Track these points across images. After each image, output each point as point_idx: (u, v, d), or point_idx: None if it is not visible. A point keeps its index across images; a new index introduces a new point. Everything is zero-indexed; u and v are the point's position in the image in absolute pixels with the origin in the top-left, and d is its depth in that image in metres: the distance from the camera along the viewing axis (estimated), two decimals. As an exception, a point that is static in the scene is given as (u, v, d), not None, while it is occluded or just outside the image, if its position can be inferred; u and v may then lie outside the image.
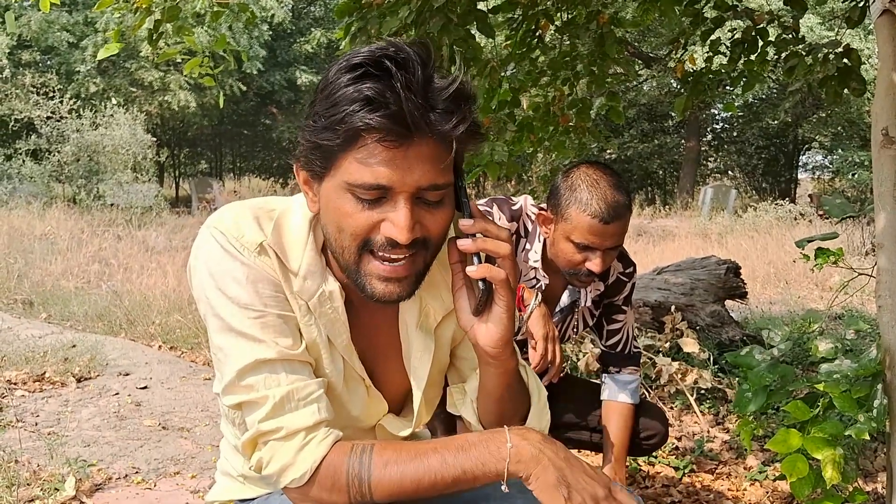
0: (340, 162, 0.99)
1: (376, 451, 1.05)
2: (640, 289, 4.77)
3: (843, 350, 1.80)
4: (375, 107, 0.94)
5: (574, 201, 1.87)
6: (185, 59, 3.95)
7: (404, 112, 0.94)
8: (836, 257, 2.02)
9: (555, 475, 1.00)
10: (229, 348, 1.06)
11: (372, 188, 0.98)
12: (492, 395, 1.19)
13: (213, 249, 1.07)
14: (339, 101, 0.96)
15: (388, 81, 0.94)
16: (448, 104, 0.97)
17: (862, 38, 16.55)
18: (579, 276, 1.94)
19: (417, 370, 1.21)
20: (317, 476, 1.04)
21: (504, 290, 1.07)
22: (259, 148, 33.49)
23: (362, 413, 1.21)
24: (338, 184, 1.00)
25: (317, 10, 27.00)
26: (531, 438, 1.04)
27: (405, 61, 0.96)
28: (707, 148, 27.14)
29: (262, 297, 1.06)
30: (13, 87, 18.77)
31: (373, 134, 0.95)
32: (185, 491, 2.69)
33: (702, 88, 3.96)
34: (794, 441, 1.69)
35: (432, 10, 2.99)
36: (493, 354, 1.12)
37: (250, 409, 1.07)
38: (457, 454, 1.03)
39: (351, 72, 0.96)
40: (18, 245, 9.06)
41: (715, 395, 3.77)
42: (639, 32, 18.74)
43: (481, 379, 1.20)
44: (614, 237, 1.89)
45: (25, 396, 3.66)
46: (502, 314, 1.09)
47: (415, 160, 0.97)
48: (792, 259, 8.02)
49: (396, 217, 0.99)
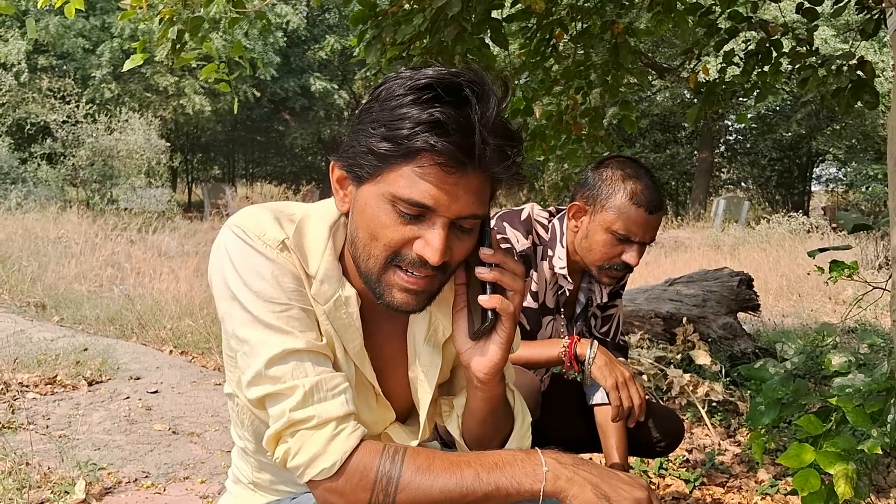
0: (391, 172, 1.01)
1: (409, 455, 1.06)
2: (652, 299, 4.76)
3: (856, 364, 1.79)
4: (444, 132, 0.96)
5: (619, 191, 1.87)
6: (202, 64, 3.98)
7: (473, 144, 0.97)
8: (851, 270, 2.01)
9: (592, 491, 1.02)
10: (256, 341, 1.06)
11: (416, 205, 1.00)
12: (476, 417, 1.21)
13: (236, 245, 1.08)
14: (405, 117, 0.97)
15: (463, 110, 0.97)
16: (504, 143, 1.00)
17: (877, 51, 16.48)
18: (612, 270, 1.93)
19: (424, 384, 1.22)
20: (346, 469, 1.04)
21: (509, 322, 1.11)
22: (272, 154, 33.67)
23: (370, 419, 1.21)
24: (381, 192, 1.02)
25: (331, 18, 27.12)
26: (565, 461, 1.05)
27: (486, 95, 0.99)
28: (720, 159, 27.04)
29: (286, 291, 1.07)
30: (30, 91, 18.95)
31: (434, 156, 0.98)
32: (194, 496, 2.69)
33: (715, 99, 3.96)
34: (807, 455, 1.68)
35: (446, 18, 3.00)
36: (483, 380, 1.14)
37: (277, 399, 1.06)
38: (491, 471, 1.04)
39: (421, 91, 0.98)
40: (32, 248, 9.12)
41: (726, 407, 3.75)
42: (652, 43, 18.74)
43: (468, 400, 1.21)
44: (654, 229, 1.89)
45: (37, 399, 3.67)
46: (501, 344, 1.12)
47: (463, 189, 1.00)
48: (805, 272, 7.97)
49: (433, 238, 1.01)
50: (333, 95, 26.55)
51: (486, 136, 0.98)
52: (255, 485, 1.30)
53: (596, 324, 2.23)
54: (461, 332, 1.14)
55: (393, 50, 3.25)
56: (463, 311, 1.14)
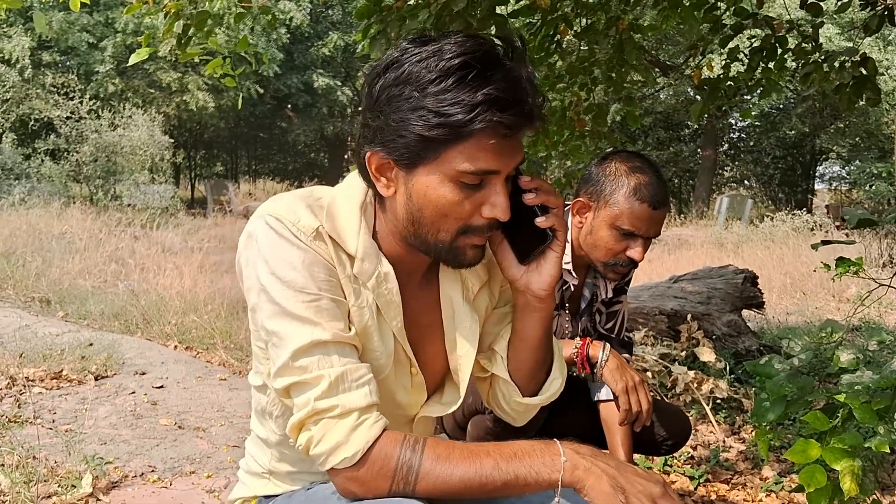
0: (450, 151, 1.03)
1: (429, 444, 1.07)
2: (657, 297, 4.76)
3: (864, 361, 1.79)
4: (502, 107, 1.00)
5: (623, 186, 1.86)
6: (206, 59, 3.99)
7: (532, 107, 1.03)
8: (857, 267, 2.01)
9: (609, 483, 1.04)
10: (284, 332, 1.07)
11: (482, 173, 1.05)
12: (530, 343, 1.25)
13: (268, 235, 1.09)
14: (456, 101, 0.99)
15: (509, 78, 1.01)
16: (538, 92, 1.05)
17: (881, 49, 16.44)
18: (617, 266, 1.92)
19: (469, 340, 1.24)
20: (367, 458, 1.06)
21: (563, 234, 1.18)
22: (275, 151, 33.68)
23: (405, 400, 1.23)
24: (444, 172, 1.05)
25: (334, 14, 27.12)
26: (583, 452, 1.08)
27: (520, 55, 1.04)
28: (723, 157, 27.00)
29: (317, 281, 1.08)
30: (34, 87, 18.97)
31: (496, 129, 1.01)
32: (200, 490, 2.70)
33: (718, 95, 3.95)
34: (813, 452, 1.68)
35: (452, 14, 3.00)
36: (542, 297, 1.19)
37: (302, 389, 1.08)
38: (510, 460, 1.06)
39: (460, 71, 1.00)
40: (36, 244, 9.13)
41: (731, 404, 3.75)
42: (656, 40, 18.72)
43: (522, 329, 1.24)
44: (658, 224, 1.88)
45: (43, 394, 3.68)
46: (556, 258, 1.18)
47: (517, 145, 1.07)
48: (809, 269, 7.96)
49: (497, 199, 1.07)
50: (336, 92, 26.54)
51: (534, 94, 1.03)
52: (272, 473, 1.31)
53: (601, 320, 2.23)
54: (510, 261, 1.19)
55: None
56: (504, 244, 1.18)
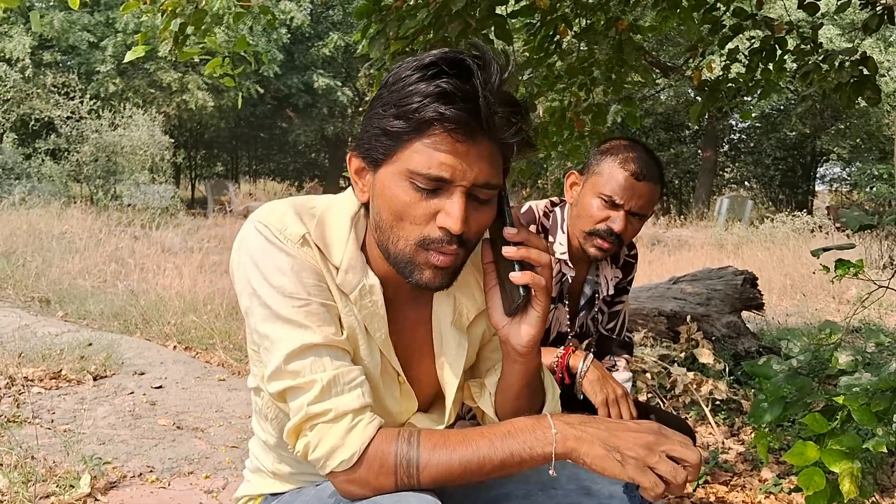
0: (405, 149, 1.04)
1: (424, 435, 1.08)
2: (656, 298, 4.75)
3: (862, 363, 1.79)
4: (451, 101, 1.00)
5: (609, 157, 1.89)
6: (206, 59, 3.98)
7: (479, 109, 1.01)
8: (857, 269, 2.00)
9: (601, 446, 1.04)
10: (275, 336, 1.09)
11: (433, 178, 1.04)
12: (512, 391, 1.24)
13: (257, 241, 1.11)
14: (413, 93, 1.02)
15: (468, 79, 1.01)
16: (510, 111, 1.04)
17: (882, 51, 16.43)
18: (597, 238, 1.91)
19: (453, 366, 1.24)
20: (364, 458, 1.06)
21: (543, 295, 1.14)
22: (275, 151, 33.67)
23: (395, 409, 1.23)
24: (398, 171, 1.05)
25: (335, 14, 27.10)
26: (572, 421, 1.08)
27: (488, 64, 1.03)
28: (724, 158, 26.99)
29: (306, 286, 1.09)
30: (34, 86, 18.96)
31: (444, 125, 1.02)
32: (198, 490, 2.70)
33: (718, 96, 3.95)
34: (812, 454, 1.68)
35: (451, 14, 2.99)
36: (522, 353, 1.18)
37: (296, 394, 1.08)
38: (504, 439, 1.06)
39: (426, 69, 1.02)
40: (36, 244, 9.13)
41: (730, 406, 3.75)
42: (656, 42, 18.71)
43: (504, 375, 1.24)
44: (642, 199, 1.88)
45: (42, 394, 3.68)
46: (537, 317, 1.15)
47: (476, 157, 1.04)
48: (809, 271, 7.96)
49: (452, 207, 1.05)
50: (337, 92, 26.52)
51: (490, 101, 1.02)
52: (275, 474, 1.32)
53: (602, 319, 2.23)
54: (496, 308, 1.17)
55: (397, 44, 3.24)
56: (495, 289, 1.18)
